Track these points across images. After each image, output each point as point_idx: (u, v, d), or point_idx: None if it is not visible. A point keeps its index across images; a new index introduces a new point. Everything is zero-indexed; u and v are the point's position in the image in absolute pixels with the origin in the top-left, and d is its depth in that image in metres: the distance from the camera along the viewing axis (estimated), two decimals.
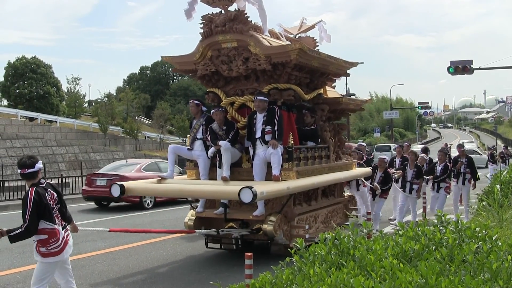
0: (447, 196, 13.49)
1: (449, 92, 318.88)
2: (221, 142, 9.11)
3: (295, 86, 9.66)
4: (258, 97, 9.15)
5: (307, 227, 9.52)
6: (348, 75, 11.12)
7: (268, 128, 9.09)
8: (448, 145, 28.53)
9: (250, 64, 9.35)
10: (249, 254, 5.82)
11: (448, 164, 13.46)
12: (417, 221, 8.36)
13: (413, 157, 12.95)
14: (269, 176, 9.04)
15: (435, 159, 14.07)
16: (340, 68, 10.58)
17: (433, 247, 4.69)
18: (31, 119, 39.89)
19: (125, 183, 9.06)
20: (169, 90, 68.30)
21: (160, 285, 8.07)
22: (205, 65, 9.71)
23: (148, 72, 69.31)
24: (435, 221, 5.60)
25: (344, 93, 11.77)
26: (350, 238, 4.93)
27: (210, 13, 9.50)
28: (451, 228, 5.31)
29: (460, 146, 14.73)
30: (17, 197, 19.97)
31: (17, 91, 44.74)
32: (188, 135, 9.91)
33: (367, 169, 12.44)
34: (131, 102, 53.35)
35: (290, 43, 9.66)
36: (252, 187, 7.91)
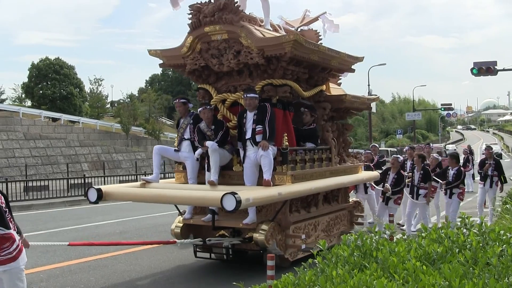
0: (461, 203, 12.29)
1: (472, 94, 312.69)
2: (208, 143, 8.11)
3: (292, 82, 8.61)
4: (247, 94, 8.13)
5: (303, 236, 8.45)
6: (353, 70, 10.01)
7: (259, 128, 8.07)
8: (471, 147, 27.12)
9: (242, 58, 8.33)
10: (271, 255, 5.54)
11: (462, 168, 12.27)
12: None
13: (419, 159, 11.80)
14: (261, 181, 7.99)
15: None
16: (343, 63, 9.48)
17: (457, 250, 4.57)
18: (54, 119, 39.38)
19: (103, 187, 8.10)
20: (191, 90, 67.55)
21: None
22: (194, 59, 8.71)
23: (170, 72, 68.45)
24: (459, 223, 5.45)
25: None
26: (373, 240, 4.80)
27: (199, 2, 8.49)
28: (475, 230, 5.14)
29: (488, 148, 13.62)
30: (41, 196, 20.05)
31: (41, 92, 44.34)
32: (176, 135, 8.94)
33: (374, 173, 11.30)
34: (153, 103, 52.59)
35: (285, 34, 8.59)
36: (236, 194, 6.90)
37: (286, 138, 8.10)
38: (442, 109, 62.68)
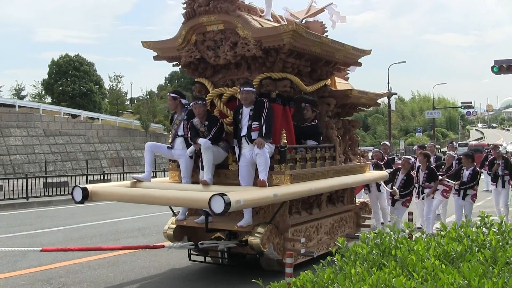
0: (473, 205, 11.51)
1: (492, 92, 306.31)
2: (201, 140, 7.49)
3: (292, 76, 7.94)
4: (244, 88, 7.49)
5: (302, 240, 7.78)
6: (360, 64, 9.28)
7: (255, 124, 7.42)
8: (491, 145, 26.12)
9: (239, 50, 7.68)
10: (290, 252, 5.45)
11: (478, 168, 11.47)
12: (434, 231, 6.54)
13: (423, 158, 11.04)
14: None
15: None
16: (349, 56, 8.76)
17: (476, 249, 4.43)
18: (74, 116, 39.20)
19: (89, 186, 7.51)
20: None
21: None
22: (189, 51, 8.08)
23: None
24: (478, 222, 5.29)
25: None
26: (392, 238, 4.70)
27: None
28: (494, 229, 4.99)
29: (495, 148, 12.77)
30: (60, 193, 19.80)
31: (60, 88, 44.20)
32: (170, 132, 8.33)
33: (383, 173, 10.55)
34: None
35: (283, 24, 7.90)
36: (225, 195, 6.25)
37: (285, 135, 7.44)
38: (462, 107, 61.12)
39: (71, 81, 44.18)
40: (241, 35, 7.57)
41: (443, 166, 12.30)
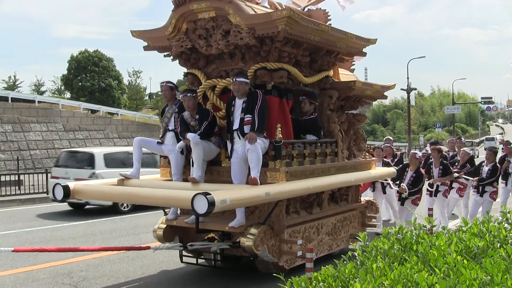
0: (493, 203, 10.70)
1: None
2: (189, 135, 6.86)
3: (289, 66, 7.26)
4: (237, 78, 6.85)
5: (299, 241, 7.11)
6: (364, 54, 8.54)
7: (247, 118, 6.78)
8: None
9: (231, 38, 7.02)
10: (310, 247, 5.24)
11: (498, 165, 10.67)
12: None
13: (438, 154, 10.29)
14: None
15: None
16: (352, 45, 8.04)
17: (498, 244, 4.35)
18: (93, 111, 38.85)
19: (72, 184, 6.93)
20: None
21: None
22: (180, 41, 7.46)
23: None
24: (500, 218, 5.24)
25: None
26: (413, 233, 4.60)
27: None
28: None
29: (507, 144, 11.88)
30: None
31: (80, 84, 43.84)
32: (161, 126, 7.73)
33: (391, 170, 9.81)
34: None
35: (277, 10, 7.22)
36: (209, 194, 5.62)
37: (280, 129, 6.78)
38: (482, 102, 59.75)
39: (90, 76, 43.83)
40: (233, 23, 6.92)
41: (456, 163, 11.49)
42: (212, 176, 7.32)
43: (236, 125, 6.85)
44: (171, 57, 7.84)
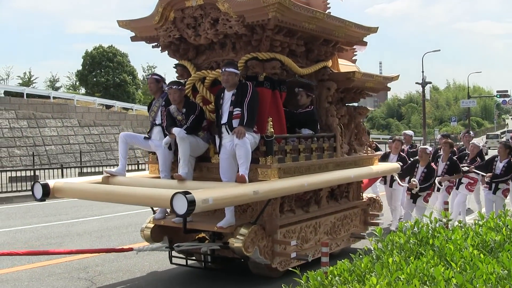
0: (506, 200, 10.02)
1: None
2: (175, 130, 6.36)
3: (282, 56, 6.72)
4: (226, 69, 6.33)
5: (293, 242, 6.57)
6: (365, 43, 7.94)
7: (236, 111, 6.26)
8: None
9: (220, 27, 6.51)
10: (326, 242, 5.21)
11: None
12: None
13: (448, 149, 9.66)
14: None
15: None
16: (351, 34, 7.46)
17: None
18: (108, 106, 38.55)
19: (52, 182, 6.46)
20: None
21: None
22: (168, 31, 6.95)
23: None
24: None
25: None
26: (429, 227, 4.51)
27: None
28: None
29: None
30: None
31: (94, 79, 43.43)
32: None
33: (395, 165, 9.19)
34: None
35: None
36: (189, 193, 5.12)
37: (271, 123, 6.25)
38: (498, 96, 58.26)
39: (105, 72, 43.40)
40: (222, 10, 6.40)
41: (466, 157, 10.83)
42: (202, 172, 6.82)
43: (224, 119, 6.34)
44: (160, 48, 7.32)
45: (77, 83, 47.78)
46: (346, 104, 8.21)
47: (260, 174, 6.31)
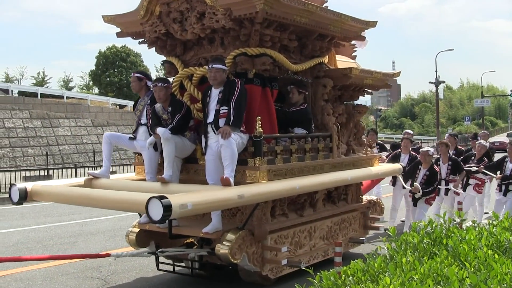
0: None
1: None
2: (159, 130, 5.92)
3: (273, 51, 6.24)
4: (213, 65, 5.88)
5: (284, 249, 6.09)
6: (363, 38, 7.44)
7: (223, 110, 5.80)
8: None
9: (207, 21, 6.06)
10: (339, 241, 5.02)
11: None
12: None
13: (444, 148, 9.14)
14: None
15: None
16: (348, 28, 6.96)
17: None
18: (121, 106, 38.38)
19: (29, 185, 6.05)
20: None
21: None
22: (153, 26, 6.52)
23: None
24: None
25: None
26: (443, 227, 4.41)
27: None
28: None
29: None
30: None
31: (108, 79, 43.27)
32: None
33: (396, 166, 8.68)
34: None
35: None
36: (164, 198, 4.67)
37: (260, 122, 5.78)
38: None
39: (118, 71, 43.24)
40: (208, 4, 5.95)
41: (473, 157, 10.26)
42: (189, 174, 6.38)
43: (210, 118, 5.89)
44: (147, 45, 6.89)
45: (91, 83, 47.65)
46: (344, 102, 7.70)
47: (248, 176, 5.85)
